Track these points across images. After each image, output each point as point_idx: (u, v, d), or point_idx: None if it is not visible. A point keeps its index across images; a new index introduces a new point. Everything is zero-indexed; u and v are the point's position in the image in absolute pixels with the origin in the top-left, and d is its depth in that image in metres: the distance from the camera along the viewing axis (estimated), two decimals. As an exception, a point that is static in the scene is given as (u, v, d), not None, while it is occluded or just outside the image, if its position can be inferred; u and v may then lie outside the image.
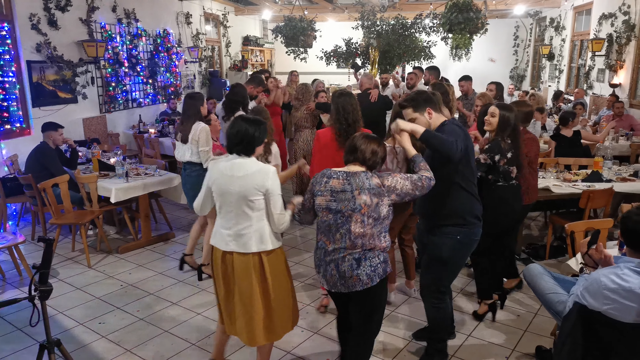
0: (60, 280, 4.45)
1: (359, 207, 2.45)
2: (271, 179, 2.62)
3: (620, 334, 2.21)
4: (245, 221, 2.63)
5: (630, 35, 8.41)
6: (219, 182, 2.66)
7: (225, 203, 2.65)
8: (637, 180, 4.85)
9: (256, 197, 2.60)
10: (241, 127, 2.64)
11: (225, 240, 2.67)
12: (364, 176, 2.50)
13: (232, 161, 2.66)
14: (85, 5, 7.36)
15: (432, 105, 2.83)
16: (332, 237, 2.53)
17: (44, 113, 6.58)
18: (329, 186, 2.52)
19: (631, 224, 2.18)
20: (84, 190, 5.04)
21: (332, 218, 2.51)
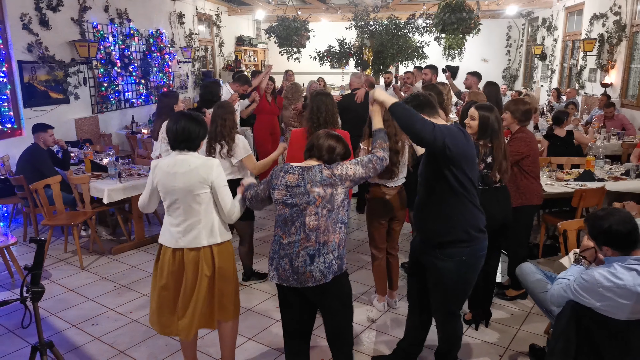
0: (52, 282, 4.42)
1: (313, 199, 2.43)
2: (215, 172, 2.65)
3: (613, 331, 2.23)
4: (194, 216, 2.65)
5: (621, 35, 8.48)
6: (162, 181, 2.66)
7: (172, 200, 2.67)
8: (629, 179, 4.88)
9: (202, 191, 2.63)
10: (184, 124, 2.64)
11: (175, 237, 2.68)
12: (316, 169, 2.47)
13: (174, 158, 2.66)
14: (77, 5, 7.32)
15: (427, 110, 2.72)
16: (287, 230, 2.50)
17: (36, 113, 6.53)
18: (284, 180, 2.50)
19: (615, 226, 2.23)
20: (76, 191, 5.01)
21: (288, 212, 2.49)
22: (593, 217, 2.31)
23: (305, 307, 2.64)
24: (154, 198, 2.80)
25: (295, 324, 2.69)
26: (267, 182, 2.59)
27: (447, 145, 2.39)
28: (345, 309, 2.63)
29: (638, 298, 2.12)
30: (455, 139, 2.45)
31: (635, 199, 4.50)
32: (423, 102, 2.79)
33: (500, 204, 3.35)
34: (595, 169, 5.11)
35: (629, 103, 8.35)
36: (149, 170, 5.27)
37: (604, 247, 2.31)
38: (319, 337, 3.50)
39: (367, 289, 4.20)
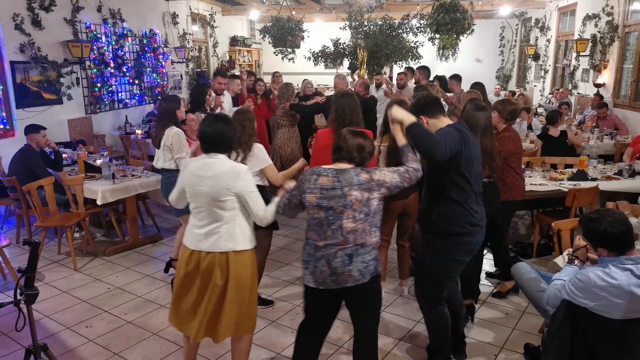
0: (46, 284, 4.39)
1: (350, 203, 2.44)
2: (242, 179, 2.58)
3: (607, 331, 2.24)
4: (217, 221, 2.61)
5: (614, 35, 8.54)
6: (189, 183, 2.65)
7: (197, 203, 2.65)
8: (622, 179, 4.92)
9: (227, 198, 2.57)
10: (221, 127, 2.61)
11: (196, 239, 2.66)
12: (352, 172, 2.48)
13: (202, 161, 2.64)
14: (70, 5, 7.27)
15: (427, 113, 2.78)
16: (323, 233, 2.50)
17: (28, 114, 6.49)
18: (318, 184, 2.49)
19: (610, 229, 2.24)
20: (69, 193, 4.98)
21: (324, 215, 2.48)
22: (587, 220, 2.32)
23: (332, 310, 2.72)
24: (182, 197, 2.79)
25: (316, 327, 2.76)
26: (298, 188, 2.60)
27: (450, 151, 2.56)
28: (377, 309, 2.70)
29: (632, 297, 2.14)
30: (458, 144, 2.62)
31: (628, 198, 4.54)
32: (423, 104, 2.84)
33: (489, 199, 3.45)
34: (589, 169, 5.15)
35: (621, 103, 8.41)
36: (143, 171, 5.33)
37: (599, 249, 2.33)
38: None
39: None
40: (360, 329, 2.70)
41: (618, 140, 6.80)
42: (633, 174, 4.95)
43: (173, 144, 3.98)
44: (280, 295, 4.14)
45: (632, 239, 2.24)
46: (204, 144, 2.65)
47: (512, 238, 5.20)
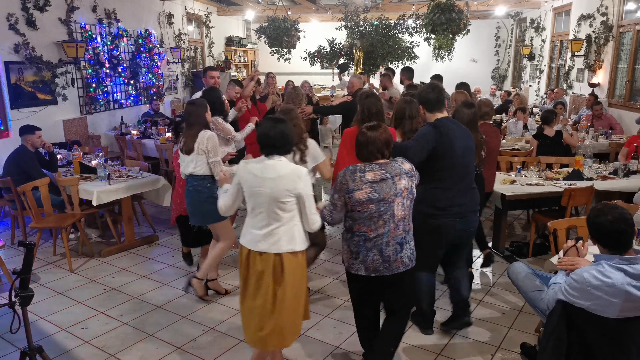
0: (41, 285, 4.36)
1: (400, 191, 2.67)
2: (303, 181, 2.61)
3: (603, 330, 2.25)
4: (276, 222, 2.62)
5: (609, 35, 8.58)
6: (249, 183, 2.63)
7: (256, 204, 2.64)
8: (617, 178, 4.94)
9: (287, 199, 2.59)
10: (283, 128, 2.64)
11: (255, 239, 2.65)
12: (395, 164, 2.73)
13: (263, 162, 2.63)
14: (65, 5, 7.24)
15: (426, 106, 3.27)
16: (373, 225, 2.67)
17: (23, 115, 6.46)
18: (365, 179, 2.65)
19: (605, 226, 2.23)
20: (65, 193, 4.96)
21: (375, 207, 2.65)
22: (591, 212, 2.31)
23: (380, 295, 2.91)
24: (238, 200, 2.76)
25: (371, 310, 2.97)
26: (340, 190, 2.68)
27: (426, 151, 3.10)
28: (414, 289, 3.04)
29: (627, 296, 2.14)
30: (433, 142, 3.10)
31: (623, 197, 4.56)
32: (425, 99, 3.26)
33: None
34: (584, 168, 5.16)
35: (616, 103, 8.45)
36: (139, 171, 5.31)
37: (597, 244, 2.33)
38: (312, 339, 3.50)
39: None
40: (397, 309, 2.93)
41: (613, 140, 6.83)
42: (628, 173, 4.98)
43: (209, 147, 3.78)
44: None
45: (630, 239, 2.23)
46: (265, 147, 2.63)
47: (508, 238, 5.22)
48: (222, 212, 2.87)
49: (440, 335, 3.52)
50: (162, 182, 5.33)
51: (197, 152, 3.78)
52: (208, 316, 3.81)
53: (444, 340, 3.46)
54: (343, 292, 4.15)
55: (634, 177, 4.94)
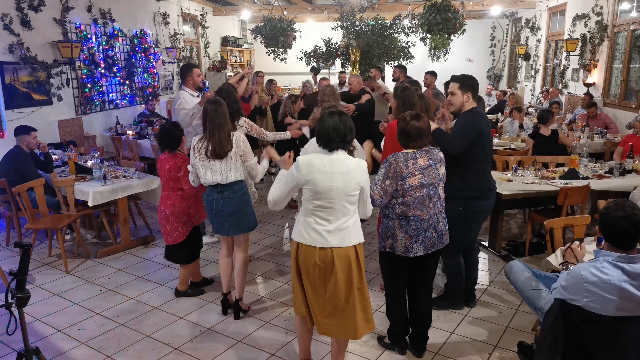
0: (37, 287, 4.34)
1: (442, 176, 3.02)
2: (366, 173, 2.71)
3: (600, 328, 2.25)
4: (345, 215, 2.65)
5: (603, 35, 8.61)
6: (316, 180, 2.58)
7: (323, 199, 2.60)
8: (612, 177, 4.95)
9: (355, 192, 2.65)
10: (345, 120, 2.66)
11: (324, 236, 2.62)
12: (436, 151, 3.05)
13: (329, 157, 2.63)
14: (60, 5, 7.20)
15: (473, 92, 3.51)
16: (425, 207, 2.95)
17: (18, 115, 6.42)
18: (417, 165, 2.91)
19: (610, 220, 2.21)
20: (60, 194, 4.93)
21: (426, 191, 2.93)
22: (604, 207, 2.30)
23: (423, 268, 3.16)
24: (291, 195, 2.75)
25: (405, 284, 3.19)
26: (392, 177, 2.88)
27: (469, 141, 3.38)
28: None
29: (623, 293, 2.15)
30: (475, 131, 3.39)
31: (619, 196, 4.57)
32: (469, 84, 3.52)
33: None
34: (580, 168, 5.18)
35: (611, 102, 8.49)
36: (135, 172, 5.28)
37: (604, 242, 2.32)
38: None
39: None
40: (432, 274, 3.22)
41: (608, 139, 6.86)
42: (623, 172, 5.00)
43: (246, 150, 3.56)
44: (272, 295, 4.13)
45: (630, 238, 2.20)
46: (334, 141, 2.62)
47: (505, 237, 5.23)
48: (271, 206, 2.80)
49: (437, 334, 3.52)
50: (158, 182, 5.30)
51: (234, 158, 3.51)
52: (205, 317, 3.79)
53: (441, 339, 3.46)
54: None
55: (630, 176, 4.96)
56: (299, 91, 9.63)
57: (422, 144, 2.98)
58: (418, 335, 3.26)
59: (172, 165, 3.81)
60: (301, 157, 2.67)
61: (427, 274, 3.18)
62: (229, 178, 3.53)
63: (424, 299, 3.22)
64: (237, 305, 3.76)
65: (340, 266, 2.63)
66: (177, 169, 3.81)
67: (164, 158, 3.87)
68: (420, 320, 3.24)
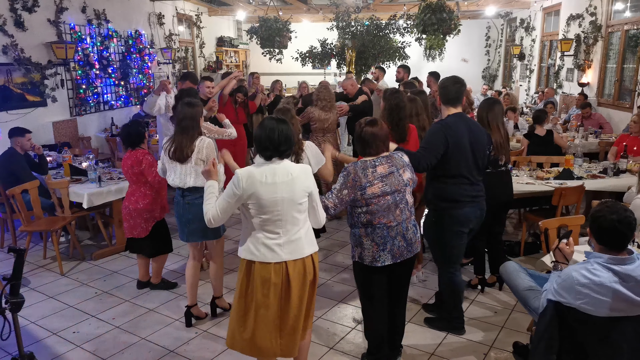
0: (31, 289, 4.32)
1: (407, 182, 2.87)
2: (311, 177, 2.59)
3: (594, 329, 2.26)
4: (295, 226, 2.51)
5: (597, 35, 8.65)
6: (259, 193, 2.41)
7: (269, 212, 2.44)
8: (606, 177, 4.98)
9: (303, 200, 2.51)
10: (285, 129, 2.48)
11: (275, 251, 2.47)
12: (398, 155, 2.91)
13: (269, 166, 2.46)
14: (54, 6, 7.17)
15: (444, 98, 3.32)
16: (392, 215, 2.81)
17: (12, 117, 6.39)
18: (377, 174, 2.77)
19: (607, 224, 2.21)
20: (55, 196, 4.91)
21: (391, 198, 2.79)
22: (598, 206, 2.29)
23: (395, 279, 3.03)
24: (231, 212, 2.54)
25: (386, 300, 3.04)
26: (352, 187, 2.74)
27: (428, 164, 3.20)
28: None
29: (615, 294, 2.16)
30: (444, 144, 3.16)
31: (613, 196, 4.60)
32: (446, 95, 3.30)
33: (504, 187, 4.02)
34: (574, 168, 5.20)
35: (605, 102, 8.53)
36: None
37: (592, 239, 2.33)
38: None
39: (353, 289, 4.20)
40: (404, 285, 3.09)
41: (602, 139, 6.89)
42: (618, 172, 5.02)
43: (208, 156, 3.41)
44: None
45: (624, 241, 2.21)
46: (267, 149, 2.46)
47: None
48: (211, 224, 2.56)
49: (432, 334, 3.53)
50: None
51: (195, 162, 3.41)
52: (201, 319, 3.78)
53: (436, 340, 3.47)
54: (333, 293, 4.16)
55: (624, 176, 4.98)
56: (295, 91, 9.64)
57: (379, 150, 2.84)
58: (391, 346, 3.17)
59: (133, 161, 3.94)
60: (240, 170, 2.48)
61: (399, 283, 3.04)
62: (187, 183, 3.44)
63: (397, 309, 3.11)
64: (213, 303, 3.78)
65: (296, 281, 2.50)
66: (139, 163, 3.93)
67: (126, 156, 4.02)
68: (393, 330, 3.14)
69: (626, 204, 3.66)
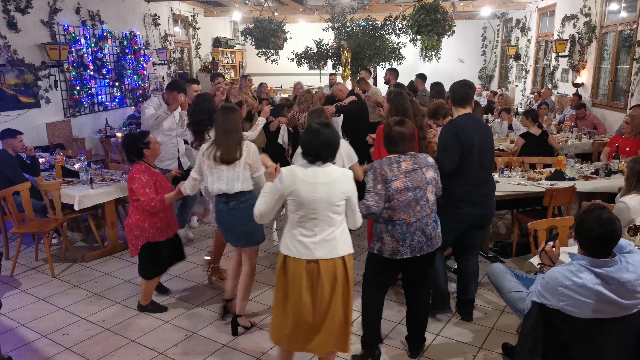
0: (22, 292, 4.31)
1: (430, 180, 3.02)
2: (352, 183, 2.69)
3: (578, 330, 2.27)
4: (331, 226, 2.61)
5: (592, 36, 8.67)
6: (299, 191, 2.55)
7: (308, 211, 2.57)
8: (598, 178, 4.98)
9: (341, 202, 2.62)
10: (327, 133, 2.62)
11: (310, 248, 2.58)
12: (422, 156, 3.08)
13: (313, 168, 2.60)
14: (47, 7, 7.16)
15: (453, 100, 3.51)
16: (412, 211, 2.96)
17: (5, 118, 6.37)
18: (401, 169, 2.94)
19: (593, 236, 2.20)
20: (46, 198, 4.90)
21: (412, 194, 2.95)
22: (582, 213, 2.29)
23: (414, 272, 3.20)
24: (277, 208, 2.69)
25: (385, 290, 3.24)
26: (381, 181, 2.92)
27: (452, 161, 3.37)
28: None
29: (598, 296, 2.16)
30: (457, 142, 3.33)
31: (605, 197, 4.60)
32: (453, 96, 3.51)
33: None
34: (566, 168, 5.21)
35: (599, 102, 8.54)
36: (122, 175, 5.24)
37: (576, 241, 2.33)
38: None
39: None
40: (424, 275, 3.21)
41: (596, 140, 6.90)
42: (609, 173, 5.02)
43: (255, 159, 3.44)
44: (259, 299, 4.12)
45: (607, 245, 2.20)
46: (309, 155, 2.61)
47: (493, 237, 5.25)
48: (258, 220, 2.75)
49: (422, 336, 3.53)
50: (146, 185, 5.28)
51: (243, 167, 3.41)
52: (191, 321, 3.78)
53: (426, 341, 3.47)
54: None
55: (615, 177, 4.98)
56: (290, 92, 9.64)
57: (406, 148, 3.03)
58: (414, 337, 3.32)
59: (129, 176, 3.73)
60: (284, 169, 2.66)
61: (419, 276, 3.18)
62: (235, 187, 3.42)
63: (419, 300, 3.26)
64: (235, 321, 3.61)
65: (327, 279, 2.58)
66: (131, 180, 3.69)
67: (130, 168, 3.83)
68: (415, 322, 3.29)
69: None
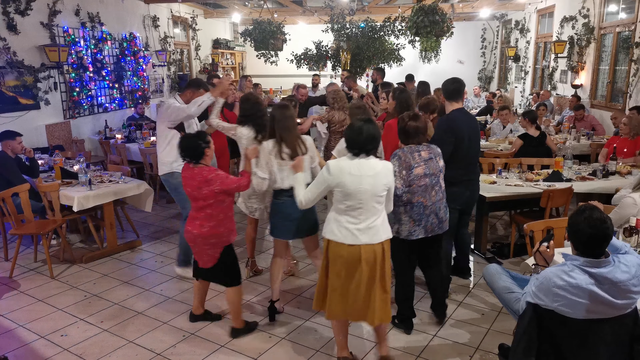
0: (21, 293, 4.33)
1: (442, 168, 3.42)
2: (392, 174, 2.98)
3: (572, 331, 2.28)
4: (374, 215, 2.88)
5: (590, 37, 8.68)
6: (346, 182, 2.80)
7: (354, 200, 2.82)
8: (596, 179, 4.99)
9: (383, 193, 2.90)
10: (370, 129, 2.86)
11: (355, 234, 2.86)
12: (435, 146, 3.44)
13: (357, 161, 2.85)
14: (47, 9, 7.19)
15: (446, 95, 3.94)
16: (428, 195, 3.32)
17: (4, 120, 6.40)
18: (421, 157, 3.30)
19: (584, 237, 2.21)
20: (45, 199, 4.92)
21: (429, 180, 3.31)
22: (574, 214, 2.29)
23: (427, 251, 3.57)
24: (321, 196, 2.99)
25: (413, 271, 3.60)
26: (405, 168, 3.25)
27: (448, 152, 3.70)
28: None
29: (592, 296, 2.17)
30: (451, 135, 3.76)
31: (602, 199, 4.61)
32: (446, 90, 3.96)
33: None
34: (564, 170, 5.22)
35: (598, 104, 8.55)
36: (121, 176, 5.26)
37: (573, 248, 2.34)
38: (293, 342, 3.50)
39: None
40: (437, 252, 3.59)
41: (594, 141, 6.91)
42: (607, 174, 5.03)
43: (314, 152, 3.61)
44: (257, 300, 4.14)
45: (600, 245, 2.21)
46: (354, 148, 2.86)
47: (491, 238, 5.26)
48: (302, 205, 3.04)
49: (419, 337, 3.54)
50: (145, 187, 5.30)
51: (309, 161, 3.54)
52: (189, 322, 3.79)
53: (423, 342, 3.48)
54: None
55: (613, 178, 5.00)
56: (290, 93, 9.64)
57: (420, 140, 3.36)
58: (437, 303, 3.72)
59: (200, 181, 3.30)
60: (331, 161, 2.93)
61: (434, 253, 3.58)
62: (286, 182, 3.50)
63: (434, 269, 3.64)
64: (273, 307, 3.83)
65: (366, 261, 2.86)
66: (207, 182, 3.29)
67: (188, 175, 3.36)
68: (435, 288, 3.69)
69: (614, 207, 3.68)
